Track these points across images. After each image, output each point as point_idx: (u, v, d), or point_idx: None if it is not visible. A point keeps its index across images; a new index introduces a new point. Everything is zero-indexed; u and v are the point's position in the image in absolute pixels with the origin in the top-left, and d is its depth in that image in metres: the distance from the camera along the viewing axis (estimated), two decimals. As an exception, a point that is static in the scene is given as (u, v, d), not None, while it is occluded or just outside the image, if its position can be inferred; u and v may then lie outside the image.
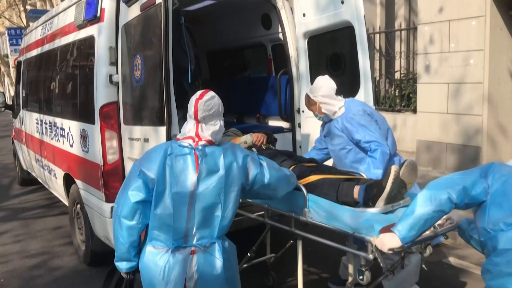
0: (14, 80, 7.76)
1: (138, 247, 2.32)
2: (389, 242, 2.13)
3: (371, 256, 2.28)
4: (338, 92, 4.09)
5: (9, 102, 7.72)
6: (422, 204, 2.04)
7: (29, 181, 7.02)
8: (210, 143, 2.28)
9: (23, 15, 20.32)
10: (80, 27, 4.04)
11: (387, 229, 2.21)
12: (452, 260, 4.33)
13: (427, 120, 7.11)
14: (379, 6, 9.31)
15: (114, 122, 3.66)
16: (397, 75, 8.71)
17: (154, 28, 3.02)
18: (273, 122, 5.08)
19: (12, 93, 6.88)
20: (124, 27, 3.50)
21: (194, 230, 2.24)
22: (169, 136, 2.97)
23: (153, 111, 3.16)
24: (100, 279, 2.91)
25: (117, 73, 3.59)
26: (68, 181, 4.58)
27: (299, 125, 4.42)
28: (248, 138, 3.63)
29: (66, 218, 4.86)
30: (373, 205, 2.58)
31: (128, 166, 3.59)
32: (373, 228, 2.31)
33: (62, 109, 4.79)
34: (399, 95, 8.50)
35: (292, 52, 4.39)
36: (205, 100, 2.26)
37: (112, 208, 3.63)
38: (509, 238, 1.91)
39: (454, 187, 2.02)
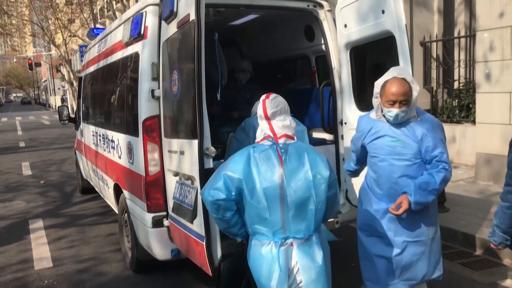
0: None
1: (239, 226, 2.47)
2: None
3: None
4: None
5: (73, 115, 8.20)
6: None
7: (88, 189, 7.39)
8: (289, 137, 2.45)
9: (95, 34, 21.66)
10: (127, 44, 4.23)
11: None
12: (510, 282, 4.02)
13: (487, 132, 6.69)
14: (437, 14, 8.96)
15: (156, 135, 3.77)
16: (456, 85, 8.32)
17: (188, 45, 3.11)
18: (316, 134, 5.02)
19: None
20: (164, 44, 3.63)
21: (290, 222, 2.37)
22: (201, 149, 3.02)
23: (188, 125, 3.24)
24: (145, 286, 2.98)
25: (159, 87, 3.73)
26: (118, 190, 4.79)
27: (342, 137, 4.34)
28: None
29: (117, 225, 5.08)
30: None
31: (168, 177, 3.70)
32: None
33: (112, 122, 5.03)
34: (458, 105, 8.10)
35: (334, 63, 4.32)
36: (271, 99, 2.50)
37: (152, 218, 3.79)
38: None
39: None
